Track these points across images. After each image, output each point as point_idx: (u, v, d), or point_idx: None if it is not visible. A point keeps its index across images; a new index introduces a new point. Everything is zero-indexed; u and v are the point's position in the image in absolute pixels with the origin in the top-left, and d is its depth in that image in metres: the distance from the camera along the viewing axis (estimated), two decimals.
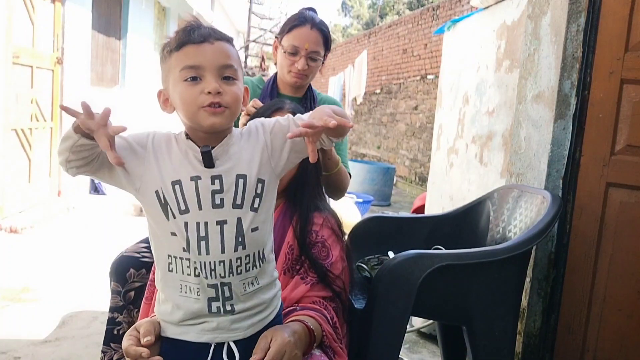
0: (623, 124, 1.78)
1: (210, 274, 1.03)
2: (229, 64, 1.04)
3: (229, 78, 1.04)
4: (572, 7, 1.83)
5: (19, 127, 4.24)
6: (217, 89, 1.00)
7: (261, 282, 1.10)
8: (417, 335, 2.72)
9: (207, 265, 1.03)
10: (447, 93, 3.02)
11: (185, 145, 1.06)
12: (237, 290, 1.06)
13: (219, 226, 1.03)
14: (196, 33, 1.03)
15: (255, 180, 1.06)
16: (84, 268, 3.40)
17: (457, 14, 7.89)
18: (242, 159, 1.07)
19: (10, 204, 4.15)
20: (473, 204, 2.07)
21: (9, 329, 2.49)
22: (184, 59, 1.02)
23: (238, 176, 1.05)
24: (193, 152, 1.05)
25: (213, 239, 1.03)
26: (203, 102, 1.00)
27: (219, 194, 1.03)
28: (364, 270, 1.82)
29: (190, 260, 1.03)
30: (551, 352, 1.97)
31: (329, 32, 1.87)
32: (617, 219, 1.81)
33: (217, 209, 1.03)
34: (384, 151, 10.79)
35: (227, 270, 1.04)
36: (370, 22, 26.88)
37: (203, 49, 1.02)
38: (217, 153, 1.05)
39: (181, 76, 1.02)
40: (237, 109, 1.05)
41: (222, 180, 1.04)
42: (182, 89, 1.02)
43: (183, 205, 1.02)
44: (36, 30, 4.41)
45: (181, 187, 1.03)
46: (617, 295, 1.82)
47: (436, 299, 1.57)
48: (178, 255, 1.04)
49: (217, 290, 1.05)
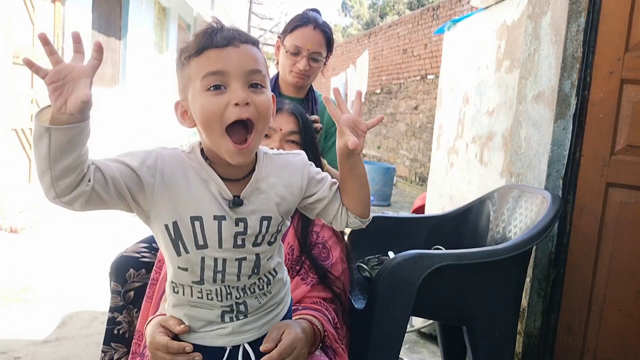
0: (623, 124, 1.78)
1: (226, 297, 1.00)
2: (257, 68, 0.91)
3: (257, 85, 0.91)
4: (572, 7, 1.83)
5: (19, 127, 4.24)
6: (245, 99, 0.88)
7: (273, 291, 1.07)
8: (417, 335, 2.72)
9: (223, 290, 1.00)
10: (447, 93, 3.02)
11: (206, 174, 0.95)
12: (251, 304, 1.03)
13: (237, 262, 0.98)
14: (219, 35, 0.90)
15: (279, 220, 1.01)
16: (84, 268, 3.40)
17: (457, 14, 7.89)
18: (271, 199, 0.99)
19: (10, 204, 4.15)
20: (473, 204, 2.07)
21: (9, 329, 2.49)
22: (205, 65, 0.89)
23: (263, 218, 0.98)
24: (217, 187, 0.94)
25: (230, 272, 0.98)
26: (229, 118, 0.88)
27: (241, 236, 0.97)
28: (364, 270, 1.82)
29: (202, 289, 0.99)
30: (551, 352, 1.97)
31: (331, 34, 1.87)
32: (617, 219, 1.81)
33: (238, 248, 0.97)
34: (384, 151, 10.79)
35: (241, 293, 1.01)
36: (371, 22, 26.88)
37: (227, 53, 0.89)
38: (246, 193, 0.96)
39: (203, 85, 0.89)
40: (266, 125, 0.94)
41: (247, 224, 0.96)
42: (204, 101, 0.89)
43: (202, 241, 0.95)
44: (36, 30, 4.41)
45: (202, 224, 0.93)
46: (617, 295, 1.82)
47: (436, 299, 1.57)
48: (186, 284, 0.99)
49: (232, 307, 1.02)
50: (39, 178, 0.83)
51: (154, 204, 0.92)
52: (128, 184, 0.88)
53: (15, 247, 3.69)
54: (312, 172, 1.06)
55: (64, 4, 4.80)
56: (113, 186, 0.87)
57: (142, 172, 0.89)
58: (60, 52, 4.82)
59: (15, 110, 4.15)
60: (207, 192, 0.94)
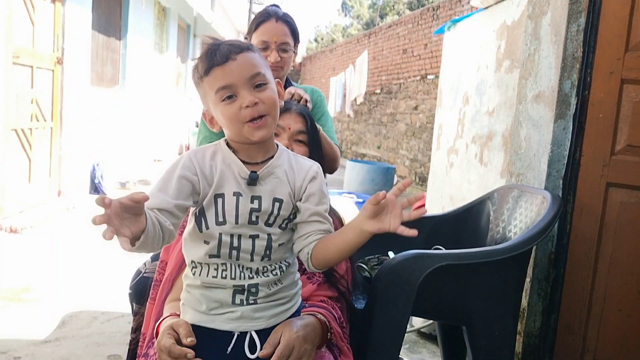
0: (623, 124, 1.78)
1: (240, 274, 1.09)
2: (257, 72, 1.08)
3: (261, 85, 1.08)
4: (572, 7, 1.83)
5: (19, 127, 4.24)
6: (254, 100, 1.05)
7: (284, 282, 1.15)
8: (417, 335, 2.72)
9: (237, 267, 1.09)
10: (447, 93, 3.02)
11: (229, 158, 1.11)
12: (262, 288, 1.11)
13: (251, 239, 1.09)
14: (217, 55, 1.06)
15: (290, 206, 1.12)
16: (84, 268, 3.40)
17: (457, 14, 7.89)
18: (282, 183, 1.12)
19: (10, 204, 4.15)
20: (473, 204, 2.07)
21: (9, 329, 2.49)
22: (215, 83, 1.06)
23: (275, 199, 1.11)
24: (237, 167, 1.10)
25: (244, 250, 1.09)
26: (245, 117, 1.05)
27: (256, 212, 1.09)
28: (364, 270, 1.82)
29: (218, 264, 1.09)
30: (551, 352, 1.97)
31: (294, 23, 1.93)
32: (617, 219, 1.81)
33: (252, 225, 1.09)
34: (384, 151, 10.79)
35: (254, 274, 1.10)
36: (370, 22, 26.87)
37: (229, 68, 1.06)
38: (262, 174, 1.11)
39: (218, 98, 1.07)
40: (277, 111, 1.11)
41: (261, 202, 1.10)
42: (222, 109, 1.07)
43: (221, 217, 1.08)
44: (36, 30, 4.41)
45: (223, 200, 1.08)
46: (617, 295, 1.82)
47: (436, 299, 1.57)
48: (203, 262, 1.09)
49: (244, 287, 1.09)
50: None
51: (199, 193, 1.08)
52: (188, 197, 1.06)
53: (15, 247, 3.69)
54: (317, 189, 1.14)
55: (64, 4, 4.80)
56: (180, 212, 1.05)
57: (191, 178, 1.07)
58: (60, 52, 4.82)
59: (15, 110, 4.15)
60: (229, 172, 1.10)
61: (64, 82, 4.92)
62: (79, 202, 5.12)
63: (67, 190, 5.09)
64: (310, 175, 1.15)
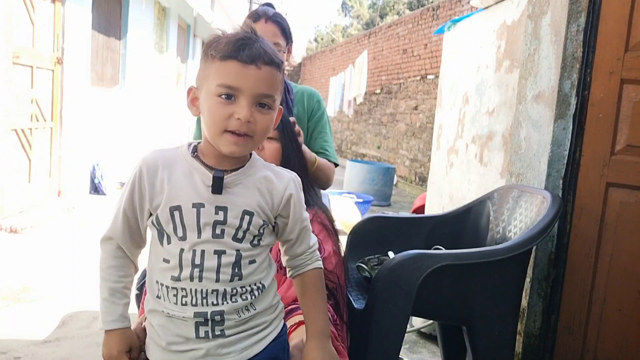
0: (623, 124, 1.78)
1: (202, 301, 0.97)
2: (269, 93, 0.97)
3: (264, 106, 0.98)
4: (572, 7, 1.83)
5: (19, 127, 4.24)
6: (248, 118, 0.95)
7: (258, 307, 1.03)
8: (417, 335, 2.72)
9: (199, 293, 0.97)
10: (447, 93, 3.02)
11: (190, 165, 1.00)
12: (229, 316, 0.99)
13: (217, 255, 0.98)
14: (246, 51, 0.95)
15: (260, 222, 1.01)
16: (84, 268, 3.40)
17: (457, 14, 7.89)
18: (254, 195, 1.01)
19: (10, 204, 4.15)
20: (473, 204, 2.07)
21: (9, 329, 2.49)
22: (224, 76, 0.95)
23: (245, 212, 0.99)
24: (200, 175, 0.99)
25: (208, 268, 0.97)
26: (229, 125, 0.95)
27: (221, 225, 0.98)
28: (364, 270, 1.82)
29: (178, 289, 0.98)
30: (551, 352, 1.97)
31: (285, 23, 1.88)
32: (617, 219, 1.81)
33: (217, 239, 0.98)
34: (384, 151, 10.79)
35: (220, 299, 0.98)
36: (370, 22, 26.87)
37: (247, 72, 0.95)
38: (230, 180, 1.00)
39: (216, 90, 0.96)
40: (261, 139, 1.01)
41: (227, 213, 0.98)
42: (213, 104, 0.96)
43: (181, 232, 0.97)
44: (36, 30, 4.41)
45: (181, 213, 0.97)
46: (617, 295, 1.82)
47: (436, 299, 1.56)
48: (165, 284, 0.99)
49: (207, 315, 0.97)
50: None
51: (145, 202, 1.01)
52: (136, 223, 1.03)
53: (15, 247, 3.69)
54: (296, 202, 1.07)
55: (64, 4, 4.80)
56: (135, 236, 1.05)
57: (138, 205, 1.01)
58: (60, 52, 4.82)
59: (15, 110, 4.15)
60: (189, 182, 0.99)
61: (64, 82, 4.92)
62: (79, 202, 5.12)
63: (67, 190, 5.09)
64: (288, 191, 1.05)
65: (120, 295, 1.04)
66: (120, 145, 6.66)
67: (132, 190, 1.00)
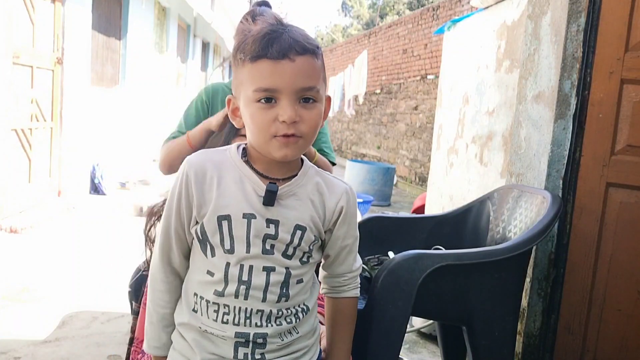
0: (623, 124, 1.78)
1: (245, 321, 0.91)
2: (310, 86, 0.89)
3: (309, 100, 0.89)
4: (572, 7, 1.83)
5: (19, 127, 4.24)
6: (293, 118, 0.87)
7: (301, 331, 0.97)
8: (417, 335, 2.72)
9: (242, 312, 0.90)
10: (447, 93, 3.02)
11: (241, 172, 0.93)
12: (272, 339, 0.92)
13: (265, 272, 0.91)
14: (275, 47, 0.87)
15: (312, 237, 0.94)
16: (84, 268, 3.40)
17: (457, 14, 7.89)
18: (307, 208, 0.94)
19: (10, 204, 4.15)
20: (473, 204, 2.06)
21: (9, 329, 2.49)
22: (258, 79, 0.87)
23: (297, 227, 0.92)
24: (252, 183, 0.92)
25: (256, 286, 0.90)
26: (276, 131, 0.88)
27: (271, 240, 0.91)
28: (364, 270, 1.82)
29: (220, 305, 0.91)
30: (551, 353, 1.97)
31: None
32: (617, 219, 1.81)
33: (267, 255, 0.91)
34: (384, 151, 10.79)
35: (264, 320, 0.92)
36: (370, 22, 26.88)
37: (281, 68, 0.87)
38: (283, 192, 0.92)
39: (254, 96, 0.88)
40: (313, 137, 0.92)
41: (279, 227, 0.91)
42: (254, 111, 0.89)
43: (228, 244, 0.90)
44: (36, 30, 4.41)
45: (230, 223, 0.90)
46: (617, 295, 1.82)
47: (436, 299, 1.56)
48: (206, 298, 0.92)
49: (249, 337, 0.91)
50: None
51: (199, 210, 0.94)
52: (184, 234, 0.96)
53: (15, 247, 3.69)
54: (344, 217, 0.98)
55: (64, 4, 4.79)
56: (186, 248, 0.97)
57: (186, 214, 0.94)
58: (60, 52, 4.82)
59: (15, 110, 4.15)
60: (240, 190, 0.91)
61: (64, 82, 4.92)
62: (79, 202, 5.12)
63: (67, 190, 5.09)
64: (342, 202, 0.96)
65: (167, 323, 0.99)
66: (120, 145, 6.66)
67: (179, 198, 0.93)
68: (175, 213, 0.94)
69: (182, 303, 0.97)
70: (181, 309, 0.97)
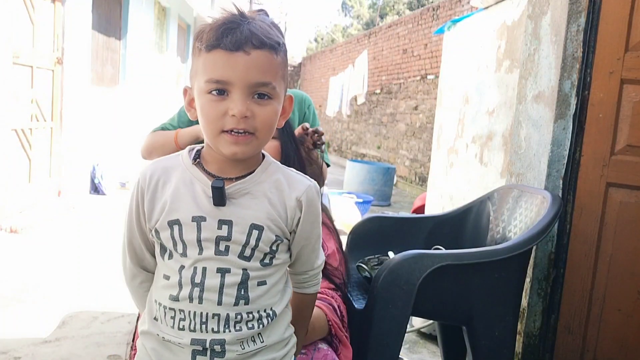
0: (623, 124, 1.78)
1: (201, 327, 0.86)
2: (264, 81, 0.85)
3: (263, 96, 0.86)
4: (572, 7, 1.83)
5: (19, 127, 4.24)
6: (244, 113, 0.83)
7: (267, 340, 0.90)
8: (417, 335, 2.72)
9: (198, 317, 0.86)
10: (447, 93, 3.02)
11: (191, 174, 0.89)
12: (231, 347, 0.87)
13: (220, 274, 0.86)
14: (230, 37, 0.83)
15: (271, 237, 0.89)
16: (84, 268, 3.40)
17: (457, 14, 7.89)
18: (263, 207, 0.89)
19: (10, 204, 4.15)
20: (473, 204, 2.07)
21: (9, 329, 2.49)
22: (210, 69, 0.84)
23: (253, 226, 0.87)
24: (201, 184, 0.88)
25: (210, 288, 0.86)
26: (225, 124, 0.84)
27: (224, 241, 0.87)
28: (364, 270, 1.82)
29: (176, 311, 0.87)
30: (551, 352, 1.97)
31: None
32: (617, 219, 1.81)
33: (221, 256, 0.87)
34: (384, 151, 10.79)
35: (221, 325, 0.86)
36: (370, 22, 26.88)
37: (234, 60, 0.83)
38: (234, 190, 0.88)
39: (206, 87, 0.85)
40: (267, 135, 0.88)
41: (232, 228, 0.87)
42: (204, 103, 0.86)
43: (181, 248, 0.87)
44: (36, 30, 4.41)
45: (180, 228, 0.87)
46: (617, 295, 1.82)
47: (436, 299, 1.56)
48: (163, 304, 0.89)
49: (205, 343, 0.86)
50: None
51: (150, 220, 0.92)
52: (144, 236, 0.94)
53: (15, 247, 3.69)
54: (305, 215, 0.93)
55: (64, 4, 4.79)
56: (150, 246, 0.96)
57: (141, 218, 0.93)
58: (60, 52, 4.82)
59: (15, 110, 4.15)
60: (189, 193, 0.88)
61: (64, 82, 4.92)
62: (79, 202, 5.12)
63: (67, 190, 5.09)
64: (302, 197, 0.91)
65: None
66: (121, 145, 6.66)
67: (137, 209, 0.92)
68: (136, 223, 0.93)
69: (145, 311, 0.95)
70: (144, 317, 0.94)
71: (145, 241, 0.94)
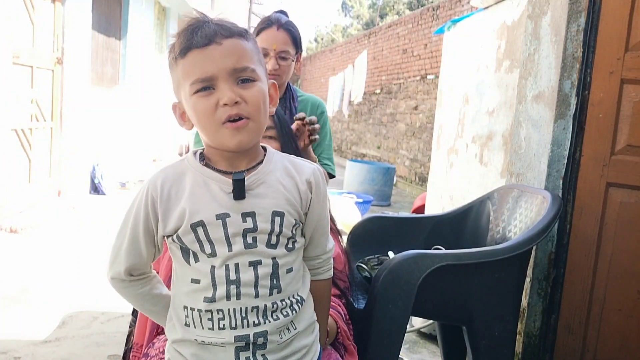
0: (623, 124, 1.78)
1: (242, 322, 0.88)
2: (244, 66, 0.88)
3: (247, 80, 0.88)
4: (572, 7, 1.83)
5: (19, 127, 4.24)
6: (233, 98, 0.86)
7: (299, 326, 0.94)
8: (417, 335, 2.72)
9: (238, 313, 0.88)
10: (447, 93, 3.02)
11: (203, 174, 0.90)
12: (272, 337, 0.89)
13: (252, 267, 0.88)
14: (199, 34, 0.87)
15: (292, 221, 0.92)
16: (84, 268, 3.40)
17: (457, 14, 7.89)
18: (280, 193, 0.91)
19: (10, 204, 4.15)
20: (473, 204, 2.06)
21: (9, 329, 2.49)
22: (191, 70, 0.88)
23: (275, 213, 0.90)
24: (217, 182, 0.89)
25: (245, 283, 0.88)
26: (221, 116, 0.86)
27: (251, 233, 0.88)
28: (364, 270, 1.82)
29: (213, 312, 0.88)
30: (551, 352, 1.97)
31: (297, 32, 1.88)
32: (617, 219, 1.81)
33: (250, 249, 0.88)
34: (384, 151, 10.79)
35: (261, 317, 0.89)
36: (370, 22, 26.88)
37: (209, 53, 0.86)
38: (251, 182, 0.90)
39: (192, 89, 0.88)
40: (263, 117, 0.90)
41: (256, 218, 0.88)
42: (195, 103, 0.88)
43: (209, 248, 0.88)
44: (36, 30, 4.41)
45: (205, 228, 0.88)
46: (617, 295, 1.82)
47: (436, 299, 1.56)
48: (197, 308, 0.89)
49: (249, 338, 0.88)
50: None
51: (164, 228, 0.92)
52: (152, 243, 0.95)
53: (15, 247, 3.69)
54: (315, 196, 0.96)
55: (64, 4, 4.80)
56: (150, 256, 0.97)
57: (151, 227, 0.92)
58: (60, 52, 4.82)
59: (15, 110, 4.15)
60: (207, 194, 0.89)
61: (64, 82, 4.92)
62: (79, 202, 5.12)
63: (67, 190, 5.09)
64: (311, 178, 0.95)
65: (165, 304, 1.01)
66: (120, 145, 6.66)
67: (146, 217, 0.91)
68: (143, 228, 0.93)
69: (172, 319, 0.95)
70: (172, 326, 0.94)
71: (150, 243, 0.94)
